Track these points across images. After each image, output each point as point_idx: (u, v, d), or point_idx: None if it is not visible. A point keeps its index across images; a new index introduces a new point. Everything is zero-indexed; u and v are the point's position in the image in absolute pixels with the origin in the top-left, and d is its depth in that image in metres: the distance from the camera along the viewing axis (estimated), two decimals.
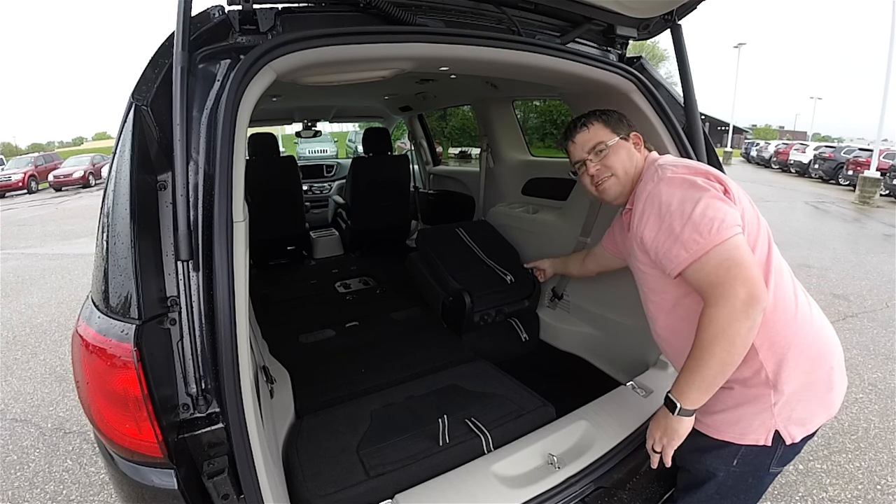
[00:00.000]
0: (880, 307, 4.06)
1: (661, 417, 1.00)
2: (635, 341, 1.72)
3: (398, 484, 1.17)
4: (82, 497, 2.03)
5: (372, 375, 1.80)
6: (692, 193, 0.90)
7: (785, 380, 0.92)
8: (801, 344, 0.94)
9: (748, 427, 0.96)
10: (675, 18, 1.41)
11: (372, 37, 1.06)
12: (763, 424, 0.95)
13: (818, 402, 0.95)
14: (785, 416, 0.93)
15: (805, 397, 0.94)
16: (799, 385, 0.93)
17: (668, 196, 0.93)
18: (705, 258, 0.86)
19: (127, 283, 0.78)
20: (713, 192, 0.90)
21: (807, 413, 0.95)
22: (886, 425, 2.42)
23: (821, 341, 0.97)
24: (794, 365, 0.92)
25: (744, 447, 0.98)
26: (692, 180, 0.92)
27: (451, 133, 17.73)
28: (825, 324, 1.01)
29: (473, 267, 2.16)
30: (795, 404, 0.94)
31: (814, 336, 0.96)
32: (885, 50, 10.44)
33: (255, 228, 1.62)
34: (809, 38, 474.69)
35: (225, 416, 0.81)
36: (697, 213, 0.87)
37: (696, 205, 0.88)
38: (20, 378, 3.12)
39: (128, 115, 0.85)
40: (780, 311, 0.93)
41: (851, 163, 13.36)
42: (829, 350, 0.97)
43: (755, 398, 0.95)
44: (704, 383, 0.89)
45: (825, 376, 0.96)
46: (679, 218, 0.89)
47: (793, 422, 0.94)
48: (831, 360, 0.97)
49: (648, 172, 1.05)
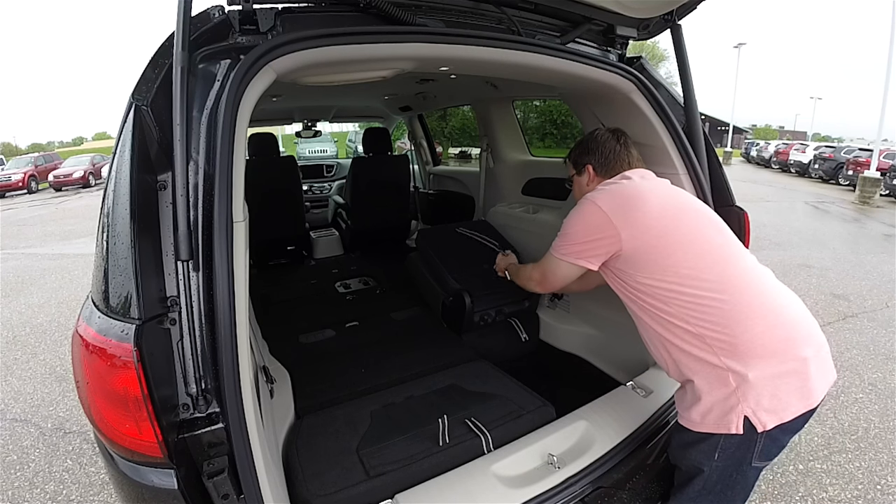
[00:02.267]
0: (880, 307, 4.06)
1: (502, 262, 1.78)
2: (635, 341, 1.70)
3: (398, 484, 1.17)
4: (82, 497, 2.03)
5: (372, 375, 1.80)
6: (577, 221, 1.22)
7: (743, 368, 0.96)
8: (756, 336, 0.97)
9: (718, 414, 0.99)
10: (675, 18, 1.41)
11: (372, 37, 1.06)
12: (732, 410, 0.97)
13: (792, 391, 0.96)
14: (752, 401, 0.95)
15: (776, 387, 0.96)
16: (766, 375, 0.95)
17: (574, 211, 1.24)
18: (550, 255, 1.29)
19: (127, 283, 0.78)
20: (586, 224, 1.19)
21: (778, 402, 0.95)
22: (886, 425, 2.42)
23: (785, 331, 0.99)
24: (752, 355, 0.96)
25: (722, 438, 1.00)
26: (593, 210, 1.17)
27: (451, 133, 17.73)
28: (794, 314, 1.03)
29: (473, 267, 2.16)
30: (764, 392, 0.95)
31: (773, 325, 0.99)
32: (885, 50, 10.44)
33: (255, 228, 1.62)
34: (809, 38, 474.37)
35: (225, 416, 0.81)
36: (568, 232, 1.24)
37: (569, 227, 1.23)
38: (20, 378, 3.12)
39: (128, 115, 0.85)
40: (726, 301, 1.00)
41: (851, 163, 13.36)
42: (799, 339, 0.99)
43: (719, 382, 0.99)
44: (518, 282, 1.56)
45: (798, 367, 0.97)
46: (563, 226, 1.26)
47: (762, 408, 0.95)
48: (803, 349, 0.98)
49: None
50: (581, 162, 1.36)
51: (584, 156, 1.35)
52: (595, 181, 1.32)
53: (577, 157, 1.37)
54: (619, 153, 1.31)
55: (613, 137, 1.32)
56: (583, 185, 1.36)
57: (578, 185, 1.39)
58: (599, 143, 1.32)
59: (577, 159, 1.38)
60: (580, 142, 1.39)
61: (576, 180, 1.41)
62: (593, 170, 1.33)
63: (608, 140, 1.32)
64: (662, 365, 1.16)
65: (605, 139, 1.32)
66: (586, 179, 1.35)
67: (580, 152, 1.36)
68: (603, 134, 1.34)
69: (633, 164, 1.30)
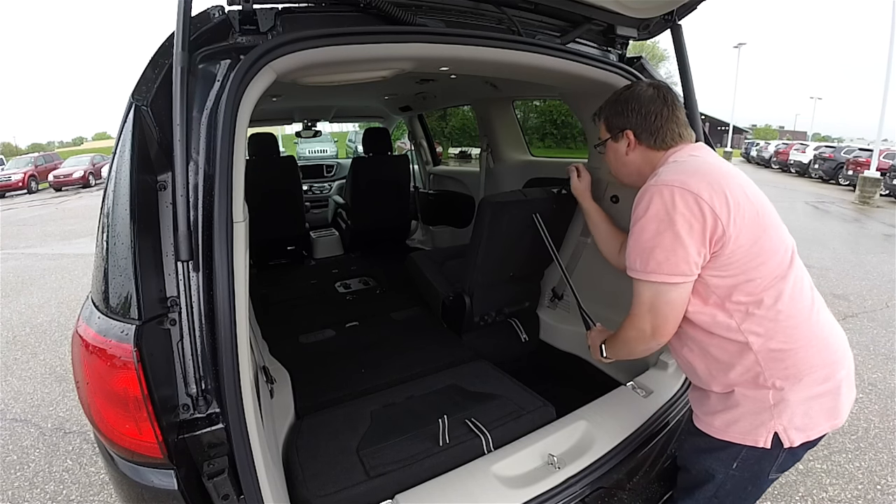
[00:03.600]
0: (880, 307, 4.06)
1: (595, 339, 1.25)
2: None
3: (398, 484, 1.17)
4: (82, 497, 2.03)
5: (372, 375, 1.80)
6: (656, 224, 0.92)
7: (787, 388, 0.92)
8: (808, 356, 0.93)
9: (748, 426, 0.96)
10: (675, 18, 1.41)
11: (372, 37, 1.06)
12: (763, 425, 0.94)
13: (823, 412, 0.95)
14: (786, 419, 0.93)
15: (810, 407, 0.93)
16: (804, 396, 0.93)
17: (646, 204, 0.94)
18: (637, 281, 0.97)
19: (127, 283, 0.78)
20: (678, 227, 0.89)
21: (809, 420, 0.94)
22: (886, 425, 2.42)
23: (830, 354, 0.96)
24: (799, 378, 0.92)
25: (744, 449, 0.97)
26: (670, 205, 0.90)
27: (451, 133, 17.71)
28: (837, 334, 0.99)
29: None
30: (798, 411, 0.93)
31: (822, 348, 0.95)
32: (885, 50, 10.44)
33: (255, 228, 1.62)
34: (809, 38, 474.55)
35: (225, 417, 0.81)
36: (646, 244, 0.93)
37: (652, 237, 0.92)
38: (20, 378, 3.12)
39: (128, 115, 0.85)
40: (789, 322, 0.92)
41: (851, 163, 13.36)
42: (838, 362, 0.96)
43: (754, 399, 0.95)
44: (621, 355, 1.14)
45: (833, 388, 0.94)
46: (637, 234, 0.96)
47: (794, 426, 0.93)
48: (840, 371, 0.96)
49: (660, 168, 1.03)
50: (617, 125, 1.11)
51: (621, 117, 1.10)
52: (638, 151, 1.09)
53: (612, 118, 1.12)
54: (668, 119, 1.06)
55: (659, 97, 1.07)
56: (621, 154, 1.13)
57: (615, 154, 1.15)
58: (643, 101, 1.07)
59: (611, 120, 1.13)
60: (616, 98, 1.13)
61: (610, 146, 1.16)
62: (635, 137, 1.08)
63: (653, 99, 1.06)
64: (686, 368, 1.10)
65: (649, 97, 1.07)
66: (625, 147, 1.11)
67: (615, 111, 1.12)
68: (645, 90, 1.09)
69: (683, 134, 1.08)
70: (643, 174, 1.08)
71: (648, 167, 1.08)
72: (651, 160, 1.09)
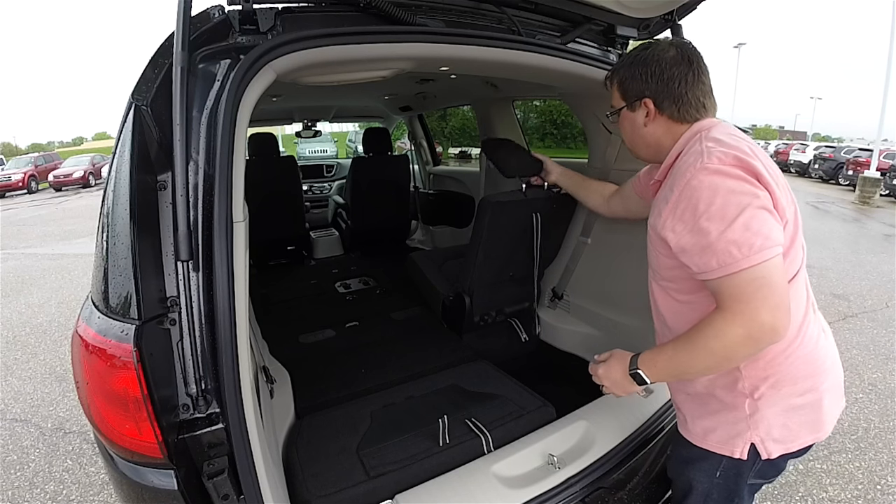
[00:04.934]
0: (880, 307, 4.06)
1: (616, 369, 0.98)
2: (635, 341, 1.70)
3: (398, 484, 1.17)
4: (82, 497, 2.03)
5: (372, 375, 1.80)
6: (738, 197, 0.77)
7: (765, 399, 0.89)
8: (792, 369, 0.89)
9: (724, 436, 0.94)
10: (675, 18, 1.41)
11: (372, 37, 1.06)
12: (739, 435, 0.92)
13: (803, 424, 0.91)
14: (763, 430, 0.90)
15: (789, 419, 0.90)
16: (782, 408, 0.90)
17: (709, 193, 0.78)
18: (736, 275, 0.76)
19: (127, 283, 0.78)
20: (762, 199, 0.77)
21: (788, 433, 0.91)
22: (886, 425, 2.42)
23: (816, 365, 0.91)
24: (778, 389, 0.89)
25: (724, 459, 0.95)
26: (741, 178, 0.78)
27: (451, 133, 17.70)
28: (824, 345, 0.94)
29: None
30: (775, 423, 0.90)
31: (809, 360, 0.90)
32: (885, 50, 10.45)
33: (255, 228, 1.62)
34: (809, 38, 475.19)
35: (225, 417, 0.81)
36: (740, 223, 0.75)
37: (741, 213, 0.76)
38: (20, 378, 3.12)
39: (128, 115, 0.85)
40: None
41: (851, 163, 13.36)
42: (823, 373, 0.92)
43: (731, 406, 0.92)
44: (677, 373, 0.91)
45: (813, 401, 0.91)
46: (718, 222, 0.77)
47: (771, 438, 0.90)
48: (824, 383, 0.91)
49: (689, 153, 0.87)
50: (634, 91, 0.95)
51: (638, 81, 0.94)
52: (658, 122, 0.94)
53: (629, 82, 0.96)
54: (693, 85, 0.91)
55: (684, 59, 0.91)
56: (638, 125, 0.97)
57: (632, 125, 0.98)
58: (664, 64, 0.91)
59: (627, 84, 0.96)
60: (632, 60, 0.96)
61: (626, 116, 0.99)
62: (655, 106, 0.93)
63: (677, 62, 0.91)
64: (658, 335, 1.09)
65: (671, 59, 0.91)
66: (643, 117, 0.96)
67: (631, 75, 0.95)
68: (666, 50, 0.92)
69: (708, 105, 0.94)
70: (663, 148, 0.95)
71: (670, 140, 0.94)
72: (674, 133, 0.94)
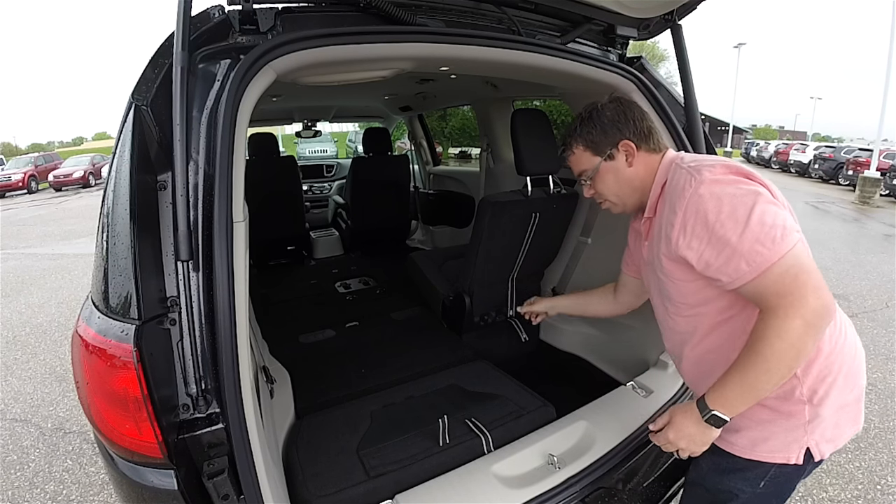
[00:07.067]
0: (880, 307, 4.06)
1: (686, 424, 0.90)
2: (635, 341, 1.72)
3: (398, 484, 1.17)
4: (82, 497, 2.03)
5: (372, 375, 1.80)
6: (743, 198, 0.80)
7: (823, 401, 0.88)
8: (843, 366, 0.89)
9: (779, 444, 0.90)
10: (675, 18, 1.41)
11: (372, 37, 1.06)
12: (796, 441, 0.89)
13: (850, 419, 0.92)
14: (818, 433, 0.89)
15: (840, 417, 0.90)
16: (837, 407, 0.89)
17: (715, 202, 0.82)
18: (769, 270, 0.77)
19: (127, 283, 0.78)
20: (764, 194, 0.81)
21: (838, 430, 0.91)
22: (886, 425, 2.42)
23: (858, 361, 0.93)
24: (835, 388, 0.88)
25: (774, 467, 0.92)
26: (738, 181, 0.83)
27: (451, 133, 17.71)
28: (858, 339, 0.96)
29: None
30: (830, 423, 0.89)
31: (854, 356, 0.92)
32: (885, 50, 10.44)
33: (255, 228, 1.62)
34: (809, 38, 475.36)
35: (225, 417, 0.81)
36: (755, 220, 0.78)
37: (752, 211, 0.79)
38: (20, 378, 3.12)
39: (128, 115, 0.85)
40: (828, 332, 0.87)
41: (851, 163, 13.36)
42: (863, 368, 0.94)
43: (788, 415, 0.89)
44: (754, 395, 0.82)
45: (858, 394, 0.92)
46: (734, 227, 0.79)
47: (825, 439, 0.90)
48: (863, 375, 0.94)
49: (676, 177, 0.91)
50: (608, 141, 1.00)
51: (611, 132, 1.00)
52: (639, 159, 1.00)
53: (599, 138, 1.01)
54: (648, 119, 1.02)
55: (624, 103, 1.03)
56: (622, 171, 1.01)
57: (615, 175, 1.02)
58: (621, 110, 1.01)
59: (599, 140, 1.01)
60: (584, 121, 1.03)
61: (604, 171, 1.02)
62: (635, 145, 0.99)
63: (628, 105, 1.02)
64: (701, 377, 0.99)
65: (624, 105, 1.02)
66: (624, 162, 1.01)
67: (602, 131, 1.01)
68: (609, 105, 1.03)
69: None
70: (647, 186, 1.00)
71: (650, 175, 1.00)
72: (651, 166, 1.00)
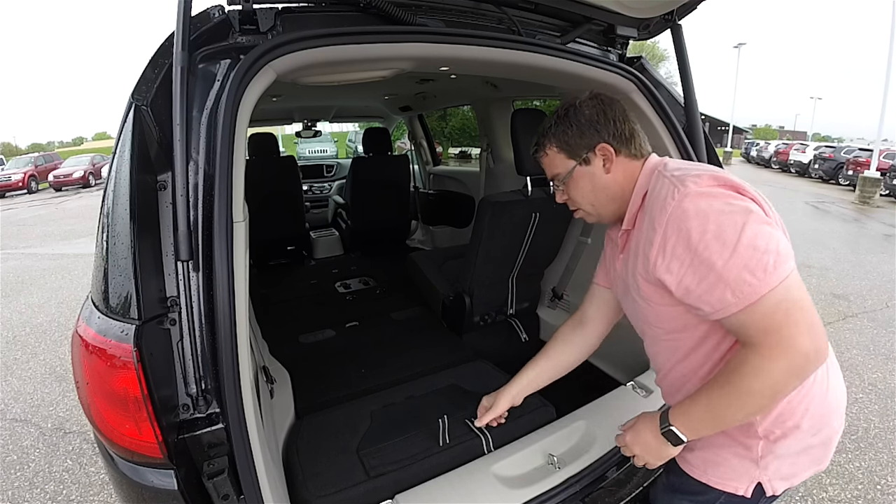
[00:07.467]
0: (880, 307, 4.06)
1: (644, 432, 0.88)
2: (635, 341, 1.71)
3: (398, 484, 1.17)
4: (82, 497, 2.03)
5: (372, 375, 1.80)
6: (733, 216, 0.70)
7: (780, 441, 0.83)
8: (809, 410, 0.82)
9: (729, 473, 0.87)
10: (675, 18, 1.41)
11: (372, 37, 1.06)
12: (746, 473, 0.85)
13: (811, 461, 0.87)
14: (772, 470, 0.84)
15: (800, 458, 0.85)
16: (797, 449, 0.84)
17: (700, 220, 0.71)
18: (757, 303, 0.68)
19: (127, 283, 0.78)
20: (755, 211, 0.71)
21: (795, 469, 0.86)
22: (886, 425, 2.42)
23: (830, 402, 0.85)
24: (796, 432, 0.82)
25: (724, 495, 0.88)
26: (727, 195, 0.73)
27: (451, 133, 17.71)
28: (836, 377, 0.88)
29: None
30: (786, 463, 0.85)
31: (823, 398, 0.84)
32: (885, 50, 10.44)
33: (255, 228, 1.62)
34: (809, 38, 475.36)
35: (225, 417, 0.81)
36: (745, 243, 0.68)
37: (742, 232, 0.69)
38: (20, 378, 3.12)
39: (128, 115, 0.85)
40: None
41: (851, 163, 13.36)
42: (840, 409, 0.87)
43: (744, 446, 0.85)
44: (718, 423, 0.77)
45: (826, 438, 0.86)
46: (720, 250, 0.69)
47: (779, 477, 0.85)
48: (837, 420, 0.86)
49: (657, 187, 0.81)
50: (584, 143, 0.90)
51: (588, 134, 0.90)
52: (618, 165, 0.90)
53: (574, 139, 0.91)
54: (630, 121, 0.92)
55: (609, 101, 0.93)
56: (598, 177, 0.90)
57: (590, 181, 0.91)
58: (600, 109, 0.91)
59: (574, 142, 0.91)
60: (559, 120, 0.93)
61: (578, 175, 0.92)
62: (613, 149, 0.89)
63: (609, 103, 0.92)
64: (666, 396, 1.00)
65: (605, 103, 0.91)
66: (600, 167, 0.90)
67: (573, 131, 0.90)
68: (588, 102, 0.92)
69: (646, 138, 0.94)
70: (626, 195, 0.90)
71: (630, 182, 0.90)
72: (632, 173, 0.90)
